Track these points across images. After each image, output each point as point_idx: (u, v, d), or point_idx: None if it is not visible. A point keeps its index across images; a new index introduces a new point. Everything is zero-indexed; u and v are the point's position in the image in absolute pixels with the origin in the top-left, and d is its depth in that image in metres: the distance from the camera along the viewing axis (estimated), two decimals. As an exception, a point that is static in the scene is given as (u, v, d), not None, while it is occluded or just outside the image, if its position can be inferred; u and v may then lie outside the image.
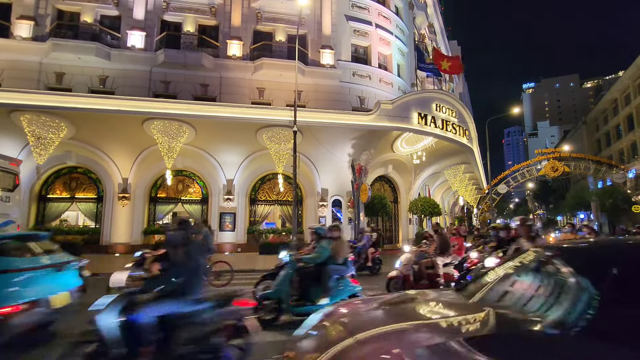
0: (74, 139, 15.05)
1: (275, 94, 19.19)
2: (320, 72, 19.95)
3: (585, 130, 51.86)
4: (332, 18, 20.88)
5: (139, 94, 16.76)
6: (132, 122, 14.39)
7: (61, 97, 13.99)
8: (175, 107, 14.62)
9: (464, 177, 25.56)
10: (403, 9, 25.15)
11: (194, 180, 17.80)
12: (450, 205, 41.00)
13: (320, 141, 16.24)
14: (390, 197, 20.65)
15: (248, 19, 19.84)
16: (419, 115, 16.76)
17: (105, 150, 15.91)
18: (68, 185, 16.75)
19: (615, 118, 42.37)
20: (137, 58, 18.07)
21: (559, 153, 28.42)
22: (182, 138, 14.88)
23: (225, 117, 14.81)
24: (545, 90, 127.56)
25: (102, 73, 17.74)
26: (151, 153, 15.76)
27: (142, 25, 18.48)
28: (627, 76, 38.80)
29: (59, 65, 17.29)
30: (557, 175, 26.69)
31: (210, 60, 18.50)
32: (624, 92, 40.12)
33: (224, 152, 16.76)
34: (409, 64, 24.81)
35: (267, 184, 18.35)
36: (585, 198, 37.34)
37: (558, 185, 60.33)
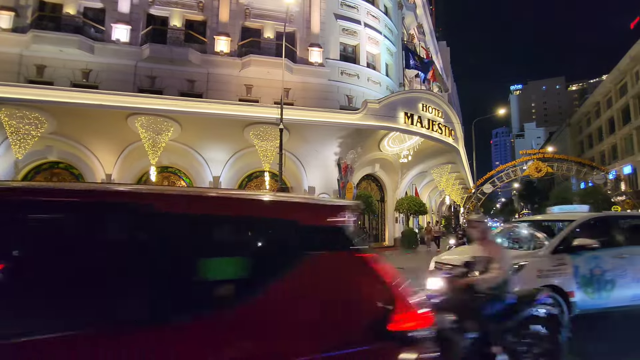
0: (55, 134, 14.72)
1: (263, 91, 19.09)
2: (309, 70, 19.92)
3: (569, 132, 53.10)
4: (321, 16, 20.85)
5: (124, 88, 16.45)
6: (116, 117, 14.15)
7: (42, 90, 13.64)
8: (161, 103, 14.42)
9: (450, 176, 25.91)
10: (392, 8, 25.27)
11: (179, 177, 17.61)
12: (438, 205, 41.52)
13: (307, 139, 16.25)
14: (377, 196, 20.79)
15: (236, 15, 19.67)
16: (405, 115, 16.90)
17: (87, 145, 15.61)
18: (49, 181, 16.35)
19: (598, 121, 43.51)
20: (122, 52, 17.74)
21: (543, 154, 29.01)
22: (167, 134, 14.70)
23: (212, 114, 14.68)
24: (532, 92, 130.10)
25: (85, 67, 17.38)
26: (136, 149, 15.52)
27: (127, 19, 18.15)
28: (609, 80, 39.84)
29: (40, 58, 16.87)
30: (541, 176, 27.26)
31: (197, 56, 18.29)
32: (606, 96, 41.20)
33: (210, 149, 16.62)
34: (397, 64, 24.97)
35: (254, 181, 18.27)
36: (568, 198, 38.19)
37: (543, 186, 61.63)
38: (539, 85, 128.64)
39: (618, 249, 5.25)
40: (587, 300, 4.92)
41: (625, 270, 5.04)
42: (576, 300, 4.81)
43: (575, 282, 4.85)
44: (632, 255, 5.15)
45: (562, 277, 4.81)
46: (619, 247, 5.31)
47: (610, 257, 5.09)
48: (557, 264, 4.86)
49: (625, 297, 5.07)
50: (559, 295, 4.67)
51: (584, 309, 4.87)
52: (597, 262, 4.99)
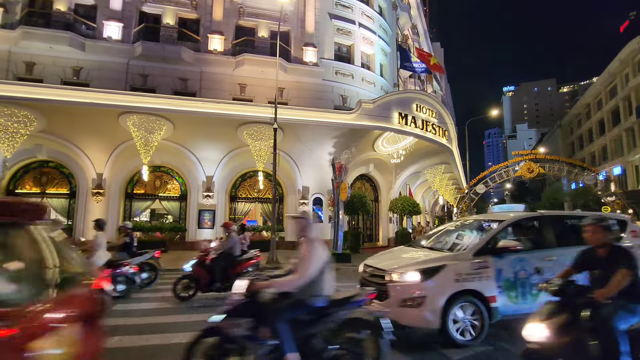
0: (45, 132, 14.47)
1: (257, 91, 18.99)
2: (303, 70, 19.88)
3: (560, 133, 53.76)
4: (316, 16, 20.82)
5: (115, 87, 16.26)
6: (107, 115, 13.95)
7: (31, 87, 13.41)
8: (153, 102, 14.26)
9: (443, 177, 26.02)
10: (387, 9, 25.34)
11: (172, 176, 17.44)
12: (431, 205, 41.74)
13: (301, 139, 16.20)
14: (371, 196, 20.81)
15: (230, 14, 19.54)
16: (399, 115, 16.94)
17: (78, 144, 15.37)
18: (38, 180, 16.11)
19: (588, 122, 44.11)
20: (114, 50, 17.52)
21: (535, 155, 29.26)
22: (160, 133, 14.54)
23: (205, 113, 14.56)
24: (524, 93, 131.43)
25: (75, 64, 17.12)
26: (127, 148, 15.33)
27: (119, 16, 17.92)
28: (599, 82, 40.42)
29: (30, 55, 16.58)
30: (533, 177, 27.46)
31: (190, 54, 18.13)
32: (596, 98, 41.79)
33: (203, 149, 16.48)
34: (391, 64, 25.04)
35: (247, 181, 18.16)
36: (559, 199, 38.63)
37: (534, 186, 62.33)
38: (531, 87, 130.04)
39: (547, 251, 5.02)
40: (511, 306, 4.64)
41: (555, 273, 4.77)
42: (498, 305, 4.55)
43: (497, 287, 4.59)
44: (560, 257, 4.82)
45: (483, 281, 4.55)
46: (548, 249, 5.07)
47: (538, 259, 4.86)
48: (478, 267, 4.59)
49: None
50: (479, 301, 4.47)
51: (507, 315, 4.62)
52: (523, 265, 4.75)
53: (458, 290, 4.44)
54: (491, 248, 4.74)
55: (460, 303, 4.44)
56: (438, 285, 4.43)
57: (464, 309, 4.45)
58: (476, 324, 4.47)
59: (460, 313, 4.44)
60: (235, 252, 7.40)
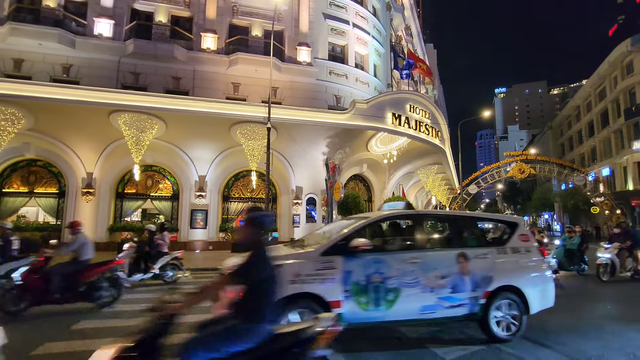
0: (33, 130, 14.20)
1: (250, 90, 18.89)
2: (297, 69, 19.83)
3: (550, 134, 54.49)
4: (310, 15, 20.79)
5: (106, 84, 16.02)
6: (98, 114, 13.74)
7: (19, 85, 13.12)
8: (145, 100, 14.08)
9: (436, 177, 26.19)
10: (380, 10, 25.41)
11: (164, 176, 17.24)
12: (424, 205, 41.97)
13: (295, 139, 16.14)
14: (364, 196, 20.85)
15: (223, 12, 19.40)
16: (393, 116, 16.99)
17: (67, 142, 15.10)
18: (26, 179, 15.79)
19: (578, 124, 44.78)
20: (105, 47, 17.26)
21: (526, 156, 29.61)
22: (151, 132, 14.36)
23: (198, 112, 14.41)
24: (515, 95, 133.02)
25: (65, 61, 16.83)
26: (118, 147, 15.12)
27: (110, 13, 17.67)
28: (588, 85, 41.05)
29: (18, 51, 16.26)
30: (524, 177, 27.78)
31: (182, 53, 17.96)
32: (585, 100, 42.44)
33: (196, 148, 16.33)
34: (385, 65, 25.12)
35: (240, 181, 18.05)
36: (549, 199, 39.23)
37: (525, 187, 63.09)
38: (522, 89, 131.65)
39: (411, 253, 4.56)
40: (359, 313, 4.13)
41: (417, 277, 4.31)
42: (343, 312, 4.05)
43: (343, 291, 4.06)
44: (427, 260, 4.43)
45: (326, 284, 4.02)
46: (412, 251, 4.65)
47: (399, 261, 4.35)
48: (322, 268, 4.06)
49: (412, 309, 4.30)
50: (319, 306, 3.95)
51: (355, 322, 4.13)
52: (379, 267, 4.23)
53: (292, 294, 3.89)
54: (342, 247, 4.21)
55: (296, 309, 3.91)
56: None
57: (301, 315, 3.95)
58: None
59: (297, 320, 3.93)
60: (84, 255, 6.12)
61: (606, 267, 9.58)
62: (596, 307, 6.89)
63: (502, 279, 4.64)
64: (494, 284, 4.58)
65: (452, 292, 4.42)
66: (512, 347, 4.37)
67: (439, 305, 4.38)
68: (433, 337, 4.82)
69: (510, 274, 4.71)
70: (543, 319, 5.40)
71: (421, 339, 4.77)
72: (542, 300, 4.83)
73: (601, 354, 4.23)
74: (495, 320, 4.58)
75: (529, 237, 5.15)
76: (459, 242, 5.00)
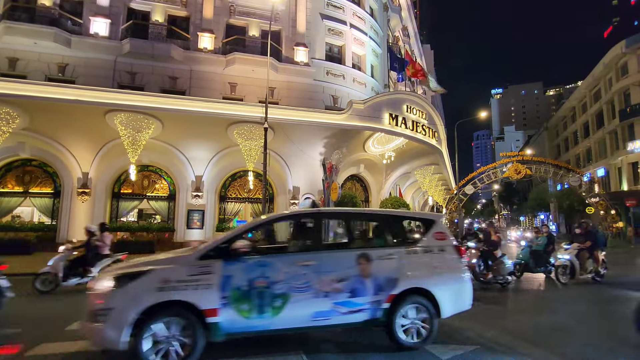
0: (28, 130, 14.10)
1: (247, 90, 18.86)
2: (294, 70, 19.82)
3: (546, 135, 54.83)
4: (307, 16, 20.80)
5: (102, 84, 15.93)
6: (93, 113, 13.66)
7: (14, 84, 13.02)
8: (142, 100, 14.02)
9: (433, 177, 26.28)
10: (378, 10, 25.47)
11: (160, 176, 17.17)
12: (421, 205, 42.09)
13: (292, 139, 16.14)
14: (361, 196, 20.87)
15: (220, 12, 19.37)
16: (390, 116, 17.03)
17: (63, 142, 15.01)
18: (21, 179, 15.66)
19: (573, 125, 45.10)
20: (101, 46, 17.16)
21: (522, 156, 29.81)
22: (148, 132, 14.31)
23: (195, 112, 14.36)
24: (511, 96, 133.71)
25: (61, 60, 16.72)
26: (114, 146, 15.04)
27: (106, 12, 17.58)
28: (584, 86, 41.36)
29: (13, 50, 16.14)
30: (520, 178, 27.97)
31: (179, 52, 17.90)
32: (581, 101, 42.76)
33: (193, 148, 16.28)
34: (382, 65, 25.17)
35: (237, 181, 18.02)
36: (545, 199, 39.51)
37: (521, 187, 63.46)
38: (518, 90, 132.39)
39: (303, 255, 4.30)
40: (240, 321, 3.81)
41: (309, 281, 4.02)
42: (220, 321, 3.73)
43: (220, 297, 3.75)
44: (322, 262, 4.14)
45: (200, 290, 3.69)
46: (306, 252, 4.37)
47: (288, 264, 4.07)
48: (197, 273, 3.76)
49: (303, 315, 4.01)
50: (193, 314, 3.66)
51: (235, 332, 3.84)
52: (264, 271, 3.94)
53: (160, 302, 3.59)
54: (224, 250, 3.97)
55: (163, 318, 3.62)
56: (131, 295, 3.59)
57: (168, 326, 3.63)
58: (186, 343, 3.64)
59: (163, 331, 3.62)
60: None
61: (565, 269, 9.18)
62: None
63: (409, 281, 4.35)
64: (399, 287, 4.28)
65: (350, 296, 4.12)
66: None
67: (334, 311, 4.07)
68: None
69: (420, 276, 4.42)
70: (454, 326, 5.13)
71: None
72: (456, 303, 4.54)
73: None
74: (402, 326, 4.28)
75: (446, 235, 4.80)
76: (362, 242, 4.73)
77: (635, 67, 31.51)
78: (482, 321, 5.54)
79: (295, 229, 5.20)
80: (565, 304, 7.30)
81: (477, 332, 5.01)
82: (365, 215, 5.50)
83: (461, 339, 4.71)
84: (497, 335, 4.88)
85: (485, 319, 5.74)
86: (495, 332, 5.03)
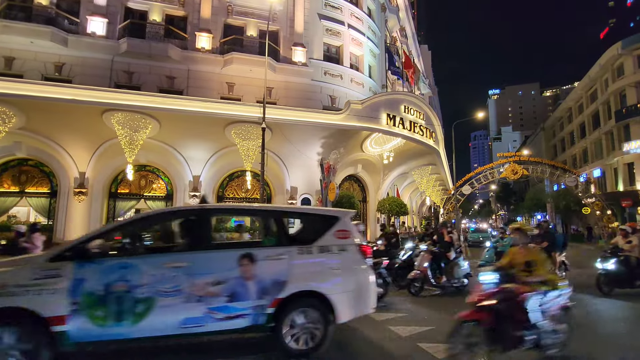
0: (25, 129, 14.01)
1: (245, 90, 18.86)
2: (292, 70, 19.83)
3: (543, 136, 55.10)
4: (305, 16, 20.81)
5: (99, 83, 15.86)
6: (90, 113, 13.60)
7: (10, 83, 12.94)
8: (139, 99, 13.97)
9: (430, 178, 26.36)
10: (375, 11, 25.52)
11: (158, 175, 17.13)
12: (418, 206, 42.20)
13: (290, 139, 16.14)
14: (359, 197, 20.90)
15: (218, 12, 19.35)
16: (387, 116, 17.06)
17: (59, 142, 14.93)
18: (17, 179, 15.57)
19: (570, 126, 45.34)
20: (98, 45, 17.10)
21: (519, 157, 29.91)
22: (145, 132, 14.26)
23: (192, 112, 14.33)
24: (509, 97, 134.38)
25: (58, 60, 16.65)
26: (111, 146, 14.98)
27: (103, 11, 17.52)
28: (580, 87, 41.59)
29: (9, 50, 16.05)
30: (517, 178, 28.07)
31: (177, 52, 17.87)
32: (577, 102, 43.00)
33: (190, 148, 16.25)
34: (380, 66, 25.22)
35: (235, 181, 18.00)
36: (541, 200, 39.68)
37: (518, 188, 63.75)
38: (515, 90, 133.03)
39: (174, 255, 4.00)
40: (93, 330, 3.48)
41: (179, 284, 3.70)
42: (69, 329, 3.39)
43: (70, 303, 3.42)
44: (196, 264, 3.83)
45: (44, 295, 3.38)
46: (178, 253, 4.10)
47: (154, 266, 3.73)
48: (44, 276, 3.41)
49: (170, 322, 3.70)
50: (34, 324, 3.34)
51: (89, 341, 3.53)
52: (125, 274, 3.61)
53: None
54: (80, 251, 3.65)
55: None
56: None
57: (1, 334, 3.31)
58: (27, 354, 3.31)
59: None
60: None
61: None
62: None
63: (299, 283, 4.05)
64: (287, 290, 3.98)
65: (228, 301, 3.81)
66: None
67: (209, 317, 3.77)
68: (425, 336, 4.85)
69: (313, 278, 4.11)
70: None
71: (413, 337, 4.81)
72: (355, 307, 4.24)
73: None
74: (291, 332, 3.99)
75: (350, 233, 4.43)
76: (248, 241, 4.51)
77: (631, 68, 31.72)
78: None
79: (180, 227, 4.78)
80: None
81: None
82: (258, 211, 5.23)
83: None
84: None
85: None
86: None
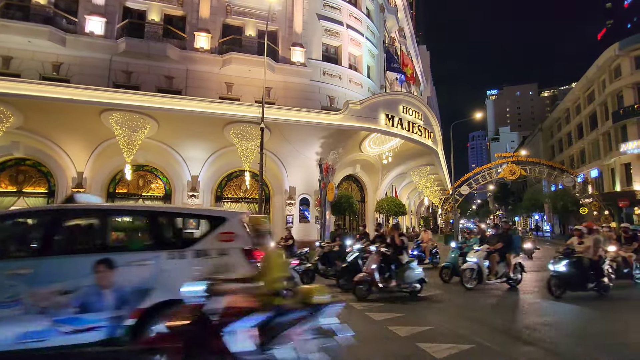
0: (22, 129, 13.96)
1: (244, 90, 18.84)
2: (291, 70, 19.83)
3: (541, 136, 55.25)
4: (304, 16, 20.81)
5: (98, 83, 15.80)
6: (88, 112, 13.57)
7: (8, 82, 12.89)
8: (137, 99, 13.95)
9: (429, 178, 26.43)
10: (374, 11, 25.55)
11: (156, 175, 17.11)
12: (417, 206, 42.30)
13: (288, 139, 16.14)
14: (357, 197, 20.93)
15: (217, 12, 19.32)
16: (386, 117, 17.09)
17: (57, 141, 14.89)
18: (15, 179, 15.52)
19: (567, 126, 45.48)
20: (96, 45, 17.05)
21: (517, 157, 30.00)
22: (143, 131, 14.24)
23: (191, 112, 14.32)
24: (507, 97, 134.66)
25: (56, 59, 16.59)
26: (110, 146, 14.95)
27: (102, 11, 17.47)
28: (578, 88, 41.73)
29: (7, 49, 15.98)
30: (515, 178, 28.17)
31: (175, 52, 17.84)
32: (575, 103, 43.14)
33: (189, 148, 16.22)
34: (378, 66, 25.25)
35: (233, 181, 17.99)
36: (539, 200, 39.79)
37: (516, 188, 63.92)
38: (513, 91, 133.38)
39: (14, 262, 3.63)
40: None
41: (18, 294, 3.39)
42: None
43: None
44: (39, 272, 3.47)
45: None
46: (20, 259, 3.72)
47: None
48: None
49: (6, 337, 3.34)
50: None
51: None
52: None
53: None
54: None
55: None
56: None
57: None
58: None
59: None
60: None
61: (472, 273, 8.36)
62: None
63: (166, 292, 3.58)
64: (151, 299, 3.57)
65: (78, 312, 3.42)
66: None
67: (54, 331, 3.41)
68: (424, 336, 4.87)
69: (182, 286, 3.63)
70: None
71: (412, 337, 4.82)
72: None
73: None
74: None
75: (234, 236, 3.98)
76: (110, 245, 4.10)
77: (628, 69, 31.85)
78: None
79: (27, 230, 4.36)
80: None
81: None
82: (127, 211, 4.80)
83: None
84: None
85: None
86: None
